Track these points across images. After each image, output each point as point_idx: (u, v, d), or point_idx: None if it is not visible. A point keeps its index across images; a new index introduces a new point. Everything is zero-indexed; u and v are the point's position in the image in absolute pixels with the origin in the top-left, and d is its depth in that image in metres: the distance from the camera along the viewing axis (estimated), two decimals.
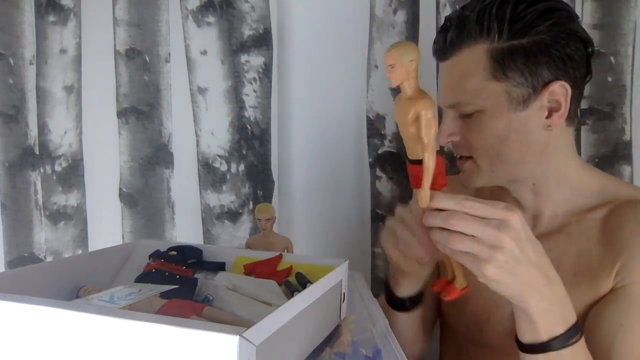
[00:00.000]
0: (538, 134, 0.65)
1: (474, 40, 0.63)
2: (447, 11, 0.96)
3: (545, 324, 0.53)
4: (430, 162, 0.51)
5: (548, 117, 0.64)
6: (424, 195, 0.52)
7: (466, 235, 0.50)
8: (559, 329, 0.53)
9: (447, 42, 0.66)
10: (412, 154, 0.54)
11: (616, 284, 0.62)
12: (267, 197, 1.04)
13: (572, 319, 0.55)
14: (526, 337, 0.55)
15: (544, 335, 0.53)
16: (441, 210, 0.52)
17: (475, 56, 0.63)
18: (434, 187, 0.53)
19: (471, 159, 0.68)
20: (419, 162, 0.52)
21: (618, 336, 0.59)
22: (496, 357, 0.72)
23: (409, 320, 0.74)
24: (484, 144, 0.65)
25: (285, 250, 0.70)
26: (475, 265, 0.50)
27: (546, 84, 0.63)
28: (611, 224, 0.65)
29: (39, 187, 1.10)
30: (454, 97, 0.66)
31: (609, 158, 0.93)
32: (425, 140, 0.51)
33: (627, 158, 0.93)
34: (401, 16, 0.98)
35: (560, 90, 0.63)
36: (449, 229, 0.51)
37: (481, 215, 0.50)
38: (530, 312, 0.53)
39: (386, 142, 1.01)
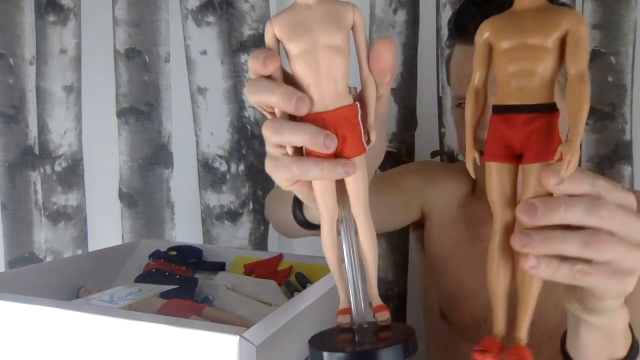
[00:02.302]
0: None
1: None
2: (447, 11, 0.96)
3: (624, 335, 0.43)
4: (587, 101, 0.33)
5: None
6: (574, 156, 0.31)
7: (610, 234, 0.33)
8: (629, 336, 0.44)
9: None
10: (521, 95, 0.33)
11: None
12: None
13: (630, 336, 0.45)
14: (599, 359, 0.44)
15: (623, 350, 0.43)
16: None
17: None
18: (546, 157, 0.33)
19: None
20: (539, 109, 0.33)
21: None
22: None
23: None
24: None
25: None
26: (617, 280, 0.34)
27: None
28: None
29: (39, 187, 1.10)
30: None
31: (609, 158, 0.93)
32: (583, 66, 0.32)
33: (627, 158, 0.93)
34: (401, 16, 0.98)
35: None
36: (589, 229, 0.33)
37: (618, 202, 0.34)
38: (617, 326, 0.42)
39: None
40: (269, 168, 0.36)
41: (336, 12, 0.33)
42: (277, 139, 0.34)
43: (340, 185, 0.36)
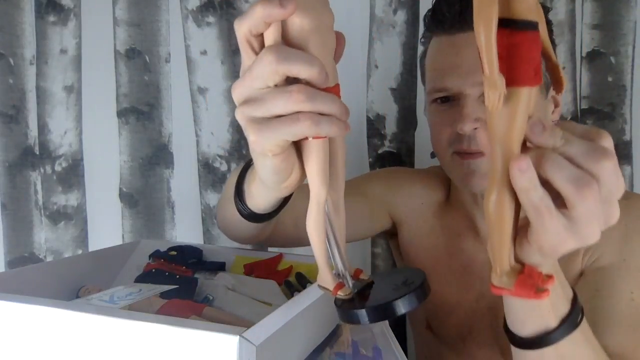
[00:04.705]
0: None
1: None
2: None
3: (552, 305, 0.41)
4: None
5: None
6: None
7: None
8: (565, 306, 0.42)
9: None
10: (534, 13, 0.31)
11: (585, 264, 0.62)
12: None
13: (570, 291, 0.44)
14: (529, 327, 0.42)
15: (552, 320, 0.41)
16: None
17: None
18: (530, 81, 0.32)
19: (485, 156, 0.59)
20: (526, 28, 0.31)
21: (594, 301, 0.58)
22: None
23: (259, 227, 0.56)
24: None
25: None
26: (564, 237, 0.34)
27: None
28: None
29: (39, 187, 1.10)
30: None
31: None
32: None
33: (627, 158, 0.93)
34: (401, 16, 0.98)
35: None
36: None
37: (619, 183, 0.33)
38: None
39: (386, 142, 1.00)
40: (261, 129, 0.33)
41: None
42: (308, 106, 0.31)
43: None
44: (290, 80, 0.33)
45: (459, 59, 0.58)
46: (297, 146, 0.36)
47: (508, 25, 0.30)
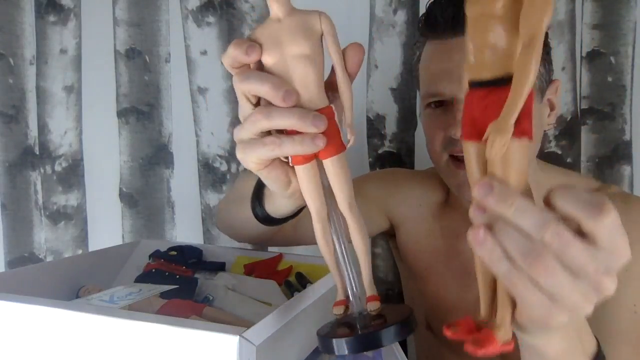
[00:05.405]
0: (543, 131, 0.64)
1: None
2: None
3: None
4: (530, 69, 0.28)
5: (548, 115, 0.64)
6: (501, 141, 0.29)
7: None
8: None
9: None
10: (488, 68, 0.30)
11: None
12: None
13: (593, 345, 0.42)
14: None
15: None
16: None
17: None
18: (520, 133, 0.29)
19: None
20: (493, 84, 0.30)
21: (596, 314, 0.56)
22: None
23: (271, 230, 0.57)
24: None
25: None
26: (548, 309, 0.31)
27: (551, 81, 0.62)
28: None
29: (39, 187, 1.10)
30: None
31: (609, 158, 0.93)
32: (534, 30, 0.28)
33: (627, 158, 0.93)
34: (401, 16, 0.98)
35: (558, 89, 0.63)
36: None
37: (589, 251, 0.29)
38: (547, 350, 0.38)
39: (386, 142, 1.00)
40: (243, 149, 0.37)
41: (303, 23, 0.35)
42: (266, 124, 0.35)
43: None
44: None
45: (452, 64, 0.58)
46: None
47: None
